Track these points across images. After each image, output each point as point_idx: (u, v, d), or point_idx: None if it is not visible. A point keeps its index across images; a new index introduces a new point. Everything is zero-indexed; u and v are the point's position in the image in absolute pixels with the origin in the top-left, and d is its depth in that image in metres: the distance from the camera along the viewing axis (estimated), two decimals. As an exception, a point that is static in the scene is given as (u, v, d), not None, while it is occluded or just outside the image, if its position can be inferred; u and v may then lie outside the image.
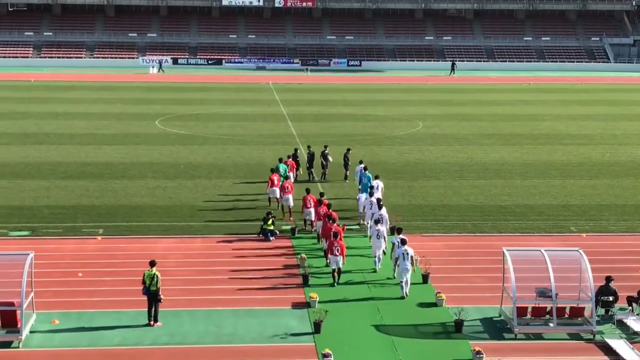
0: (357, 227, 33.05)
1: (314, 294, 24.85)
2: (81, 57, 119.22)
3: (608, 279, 24.33)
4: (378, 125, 62.23)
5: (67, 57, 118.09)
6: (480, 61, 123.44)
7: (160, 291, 23.13)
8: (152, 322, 23.10)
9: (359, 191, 35.37)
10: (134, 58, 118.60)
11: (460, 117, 66.83)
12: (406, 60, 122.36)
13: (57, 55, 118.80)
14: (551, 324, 23.11)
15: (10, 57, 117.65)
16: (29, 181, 41.25)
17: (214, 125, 60.61)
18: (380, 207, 30.33)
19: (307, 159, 42.73)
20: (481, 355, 20.83)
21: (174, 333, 22.66)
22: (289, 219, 33.99)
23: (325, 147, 42.80)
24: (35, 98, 75.76)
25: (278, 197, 35.27)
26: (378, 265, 28.07)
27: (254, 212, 35.20)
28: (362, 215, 33.27)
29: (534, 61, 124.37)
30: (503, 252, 23.86)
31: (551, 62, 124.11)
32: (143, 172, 43.66)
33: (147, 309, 23.26)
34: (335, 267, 26.69)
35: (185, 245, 30.79)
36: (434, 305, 24.90)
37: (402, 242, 26.15)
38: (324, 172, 42.20)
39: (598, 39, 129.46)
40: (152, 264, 23.46)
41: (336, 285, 26.55)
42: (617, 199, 39.22)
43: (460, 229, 33.53)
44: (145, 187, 40.35)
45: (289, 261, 28.96)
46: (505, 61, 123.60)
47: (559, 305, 23.12)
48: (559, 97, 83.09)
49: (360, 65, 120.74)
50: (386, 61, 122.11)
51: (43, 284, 25.19)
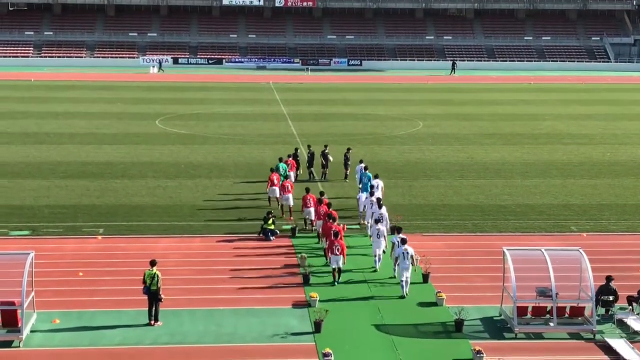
0: (358, 227, 33.04)
1: (314, 294, 24.85)
2: (81, 57, 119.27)
3: (608, 278, 24.32)
4: (378, 124, 62.23)
5: (67, 57, 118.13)
6: (481, 61, 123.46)
7: (160, 291, 23.13)
8: (152, 322, 23.11)
9: (359, 190, 35.37)
10: (134, 58, 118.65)
11: (460, 116, 66.83)
12: (407, 60, 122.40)
13: (57, 54, 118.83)
14: (551, 324, 23.11)
15: (10, 56, 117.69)
16: (29, 181, 41.26)
17: (214, 125, 60.62)
18: (380, 206, 30.33)
19: (307, 159, 42.76)
20: (481, 355, 20.83)
21: (175, 332, 22.66)
22: (289, 218, 33.98)
23: (325, 147, 42.80)
24: (36, 97, 75.79)
25: (278, 197, 35.26)
26: (378, 265, 28.07)
27: (255, 211, 35.20)
28: (363, 215, 33.27)
29: (535, 61, 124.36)
30: (503, 252, 23.85)
31: (552, 61, 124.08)
32: (143, 172, 43.66)
33: (147, 309, 23.26)
34: (335, 266, 26.69)
35: (186, 245, 30.79)
36: (434, 304, 24.90)
37: (402, 242, 26.16)
38: (324, 172, 42.20)
39: (598, 38, 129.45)
40: (152, 263, 23.46)
41: (336, 284, 26.55)
42: (618, 199, 39.22)
43: (460, 229, 33.52)
44: (145, 186, 40.36)
45: (289, 261, 28.96)
46: (506, 61, 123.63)
47: (559, 305, 23.12)
48: (560, 97, 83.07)
49: (361, 64, 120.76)
50: (387, 61, 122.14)
51: (43, 284, 25.19)
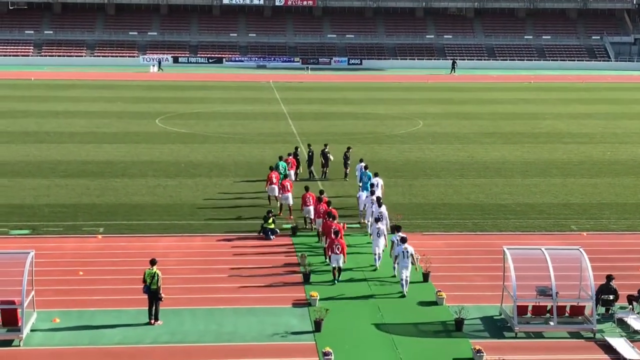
0: (358, 226, 33.03)
1: (314, 293, 24.84)
2: (82, 56, 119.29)
3: (608, 277, 24.31)
4: (379, 123, 62.22)
5: (67, 56, 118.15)
6: (481, 60, 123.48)
7: (161, 290, 23.13)
8: (152, 321, 23.10)
9: (359, 189, 35.37)
10: (134, 57, 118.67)
11: (460, 115, 66.82)
12: (407, 59, 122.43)
13: (57, 53, 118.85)
14: (551, 323, 23.10)
15: (10, 55, 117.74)
16: (29, 180, 41.26)
17: (214, 124, 60.62)
18: (380, 205, 30.31)
19: (307, 158, 42.76)
20: (481, 354, 20.82)
21: (175, 332, 22.65)
22: (289, 217, 33.97)
23: (325, 146, 42.79)
24: (36, 97, 75.80)
25: (276, 195, 35.27)
26: (378, 263, 28.06)
27: (255, 210, 35.18)
28: (363, 214, 33.26)
29: (535, 60, 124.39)
30: (503, 251, 23.84)
31: (552, 60, 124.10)
32: (143, 171, 43.66)
33: (147, 308, 23.26)
34: (335, 265, 26.69)
35: (186, 244, 30.79)
36: (434, 303, 24.90)
37: (402, 241, 26.14)
38: (324, 171, 42.21)
39: (599, 37, 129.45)
40: (152, 262, 23.44)
41: (336, 283, 26.55)
42: (618, 198, 39.21)
43: (460, 228, 33.52)
44: (145, 185, 40.35)
45: (289, 260, 28.95)
46: (506, 60, 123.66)
47: (559, 304, 23.11)
48: (560, 96, 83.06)
49: (361, 63, 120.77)
50: (387, 60, 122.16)
51: (44, 283, 25.19)
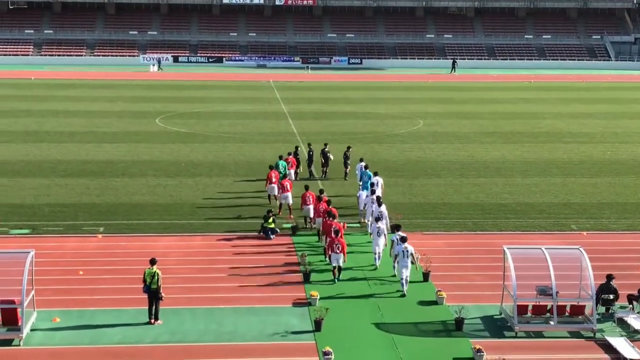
0: (358, 225, 33.02)
1: (314, 292, 24.84)
2: (82, 55, 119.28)
3: (609, 277, 24.30)
4: (379, 123, 62.22)
5: (67, 55, 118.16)
6: (481, 59, 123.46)
7: (161, 289, 23.12)
8: (152, 320, 23.10)
9: (359, 188, 35.37)
10: (134, 56, 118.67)
11: (461, 115, 66.81)
12: (407, 58, 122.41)
13: (57, 53, 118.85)
14: (552, 322, 23.10)
15: (10, 55, 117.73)
16: (29, 179, 41.25)
17: (214, 123, 60.61)
18: (380, 204, 30.31)
19: (307, 157, 42.75)
20: (482, 353, 20.82)
21: (175, 331, 22.65)
22: (289, 216, 33.97)
23: (325, 145, 42.78)
24: (36, 96, 75.80)
25: (276, 195, 35.27)
26: (378, 262, 28.05)
27: (255, 210, 35.17)
28: (363, 213, 33.24)
29: (535, 59, 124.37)
30: (504, 250, 23.83)
31: (552, 60, 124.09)
32: (144, 170, 43.66)
33: (147, 307, 23.26)
34: (335, 264, 26.69)
35: (186, 243, 30.78)
36: (434, 303, 24.89)
37: (402, 240, 26.13)
38: (324, 170, 42.21)
39: (599, 37, 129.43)
40: (152, 262, 23.44)
41: (336, 282, 26.55)
42: (618, 197, 39.21)
43: (461, 227, 33.51)
44: (145, 185, 40.35)
45: (289, 259, 28.94)
46: (506, 59, 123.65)
47: (559, 304, 23.11)
48: (560, 95, 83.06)
49: (361, 63, 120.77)
50: (387, 59, 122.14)
51: (44, 282, 25.19)
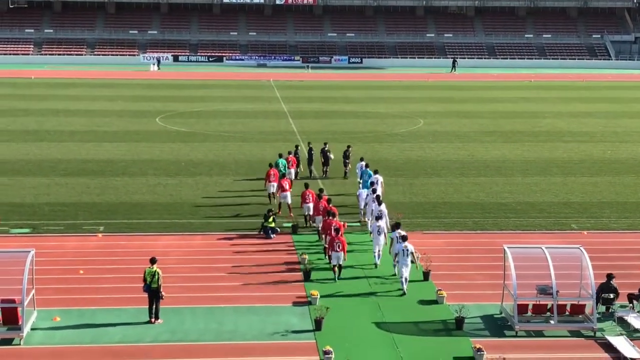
0: (358, 224, 33.00)
1: (315, 291, 24.84)
2: (82, 54, 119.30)
3: (609, 276, 24.31)
4: (379, 122, 62.22)
5: (67, 54, 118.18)
6: (482, 58, 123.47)
7: (161, 288, 23.13)
8: (153, 320, 23.10)
9: (359, 187, 35.36)
10: (134, 55, 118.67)
11: (461, 114, 66.82)
12: (407, 58, 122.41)
13: (57, 52, 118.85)
14: (552, 321, 23.09)
15: (10, 54, 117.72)
16: (29, 178, 41.25)
17: (214, 123, 60.61)
18: (379, 203, 30.33)
19: (308, 156, 42.75)
20: (482, 353, 20.82)
21: (175, 330, 22.66)
22: (290, 215, 33.96)
23: (325, 144, 42.79)
24: (36, 95, 75.80)
25: (274, 192, 35.25)
26: (378, 261, 28.05)
27: (255, 209, 35.17)
28: (363, 212, 33.22)
29: (535, 58, 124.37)
30: (504, 250, 23.83)
31: (552, 59, 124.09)
32: (144, 170, 43.66)
33: (147, 306, 23.26)
34: (336, 262, 26.70)
35: (186, 243, 30.78)
36: (434, 302, 24.89)
37: (403, 239, 26.12)
38: (324, 170, 42.21)
39: (599, 36, 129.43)
40: (152, 261, 23.44)
41: (337, 281, 26.55)
42: (618, 197, 39.20)
43: (461, 227, 33.51)
44: (146, 184, 40.36)
45: (289, 258, 28.94)
46: (507, 58, 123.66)
47: (559, 303, 23.10)
48: (560, 95, 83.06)
49: (361, 62, 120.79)
50: (387, 58, 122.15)
51: (44, 282, 25.18)
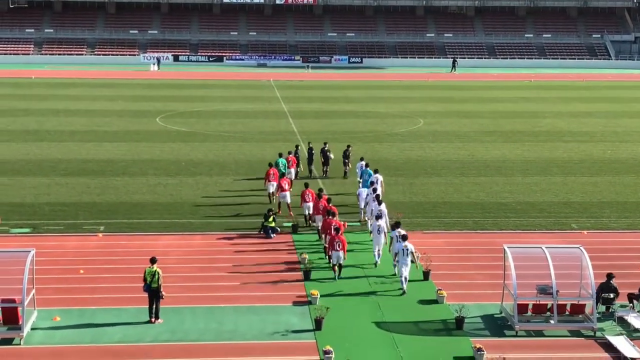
0: (358, 224, 33.00)
1: (315, 291, 24.85)
2: (82, 54, 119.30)
3: (609, 276, 24.31)
4: (379, 122, 62.23)
5: (68, 54, 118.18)
6: (482, 58, 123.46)
7: (161, 288, 23.13)
8: (153, 319, 23.11)
9: (359, 186, 35.39)
10: (135, 55, 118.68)
11: (461, 114, 66.82)
12: (407, 58, 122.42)
13: (58, 52, 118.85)
14: (552, 321, 23.09)
15: (11, 54, 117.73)
16: (29, 178, 41.26)
17: (215, 123, 60.61)
18: (379, 203, 30.36)
19: (308, 156, 42.75)
20: (482, 352, 20.82)
21: (175, 330, 22.66)
22: (289, 214, 33.97)
23: (325, 144, 42.79)
24: (36, 95, 75.80)
25: (273, 192, 35.25)
26: (378, 260, 28.06)
27: (255, 208, 35.18)
28: (364, 211, 33.21)
29: (535, 58, 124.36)
30: (504, 249, 23.83)
31: (552, 59, 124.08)
32: (144, 169, 43.67)
33: (148, 306, 23.26)
34: (336, 262, 26.72)
35: (186, 242, 30.78)
36: (434, 302, 24.90)
37: (403, 238, 26.13)
38: (324, 169, 42.22)
39: (599, 35, 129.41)
40: (152, 261, 23.44)
41: (337, 280, 26.57)
42: (618, 196, 39.21)
43: (461, 226, 33.52)
44: (146, 184, 40.37)
45: (290, 258, 28.94)
46: (507, 58, 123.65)
47: (559, 303, 23.11)
48: (560, 94, 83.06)
49: (362, 62, 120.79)
50: (387, 58, 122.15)
51: (44, 281, 25.19)
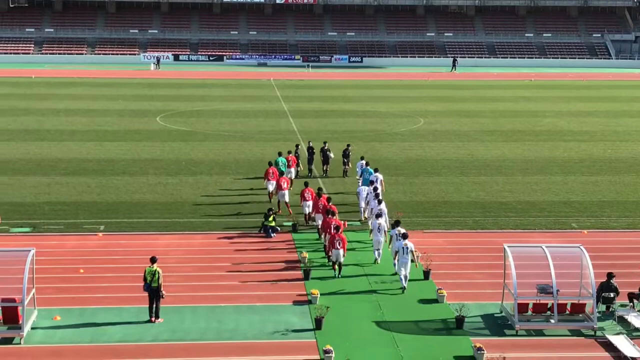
0: (359, 224, 33.00)
1: (315, 290, 24.86)
2: (82, 54, 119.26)
3: (609, 275, 24.32)
4: (379, 121, 62.23)
5: (68, 54, 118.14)
6: (482, 57, 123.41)
7: (161, 287, 23.15)
8: (153, 319, 23.12)
9: (359, 184, 35.40)
10: (135, 54, 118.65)
11: (461, 113, 66.82)
12: (407, 57, 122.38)
13: (58, 51, 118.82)
14: (552, 320, 23.11)
15: (11, 53, 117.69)
16: (30, 177, 41.27)
17: (215, 122, 60.62)
18: (379, 202, 30.39)
19: (308, 155, 42.75)
20: (482, 352, 20.82)
21: (176, 329, 22.67)
22: (289, 212, 33.98)
23: (325, 143, 42.80)
24: (36, 94, 75.81)
25: (273, 190, 35.27)
26: (379, 259, 28.06)
27: (255, 208, 35.19)
28: (365, 209, 33.20)
29: (536, 57, 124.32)
30: (504, 249, 23.84)
31: (552, 58, 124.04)
32: (144, 169, 43.68)
33: (148, 306, 23.26)
34: (335, 259, 26.76)
35: (187, 242, 30.78)
36: (435, 301, 24.91)
37: (403, 237, 26.14)
38: (325, 169, 42.23)
39: (599, 35, 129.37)
40: (152, 260, 23.45)
41: (338, 277, 26.60)
42: (619, 196, 39.21)
43: (461, 226, 33.52)
44: (146, 183, 40.37)
45: (290, 257, 28.96)
46: (507, 57, 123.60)
47: (560, 302, 23.12)
48: (560, 94, 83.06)
49: (362, 61, 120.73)
50: (387, 57, 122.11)
51: (44, 281, 25.21)
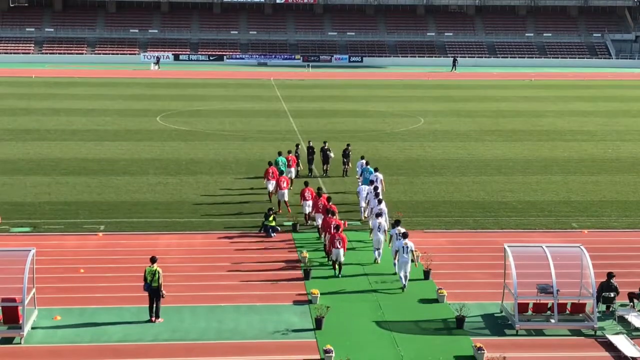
0: (359, 223, 33.00)
1: (315, 290, 24.86)
2: (82, 53, 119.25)
3: (609, 275, 24.32)
4: (379, 121, 62.22)
5: (68, 53, 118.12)
6: (482, 57, 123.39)
7: (162, 287, 23.14)
8: (153, 318, 23.11)
9: (359, 183, 35.39)
10: (135, 54, 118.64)
11: (461, 113, 66.81)
12: (407, 56, 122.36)
13: (58, 51, 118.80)
14: (552, 320, 23.10)
15: (11, 53, 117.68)
16: (30, 177, 41.27)
17: (215, 122, 60.62)
18: (380, 202, 30.39)
19: (308, 155, 42.75)
20: (482, 351, 20.82)
21: (176, 329, 22.67)
22: (289, 211, 33.97)
23: (325, 143, 42.80)
24: (37, 94, 75.79)
25: (273, 190, 35.27)
26: (379, 259, 28.06)
27: (256, 208, 35.19)
28: (365, 209, 33.19)
29: (536, 57, 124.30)
30: (504, 248, 23.84)
31: (553, 58, 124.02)
32: (144, 168, 43.68)
33: (148, 305, 23.26)
34: (335, 259, 26.77)
35: (187, 241, 30.79)
36: (435, 301, 24.91)
37: (404, 236, 26.14)
38: (325, 168, 42.23)
39: (600, 35, 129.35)
40: (152, 260, 23.45)
41: (339, 276, 26.60)
42: (619, 195, 39.20)
43: (461, 225, 33.52)
44: (146, 183, 40.38)
45: (290, 257, 28.96)
46: (507, 57, 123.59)
47: (560, 302, 23.12)
48: (561, 94, 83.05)
49: (362, 61, 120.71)
50: (388, 57, 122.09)
51: (45, 280, 25.21)
